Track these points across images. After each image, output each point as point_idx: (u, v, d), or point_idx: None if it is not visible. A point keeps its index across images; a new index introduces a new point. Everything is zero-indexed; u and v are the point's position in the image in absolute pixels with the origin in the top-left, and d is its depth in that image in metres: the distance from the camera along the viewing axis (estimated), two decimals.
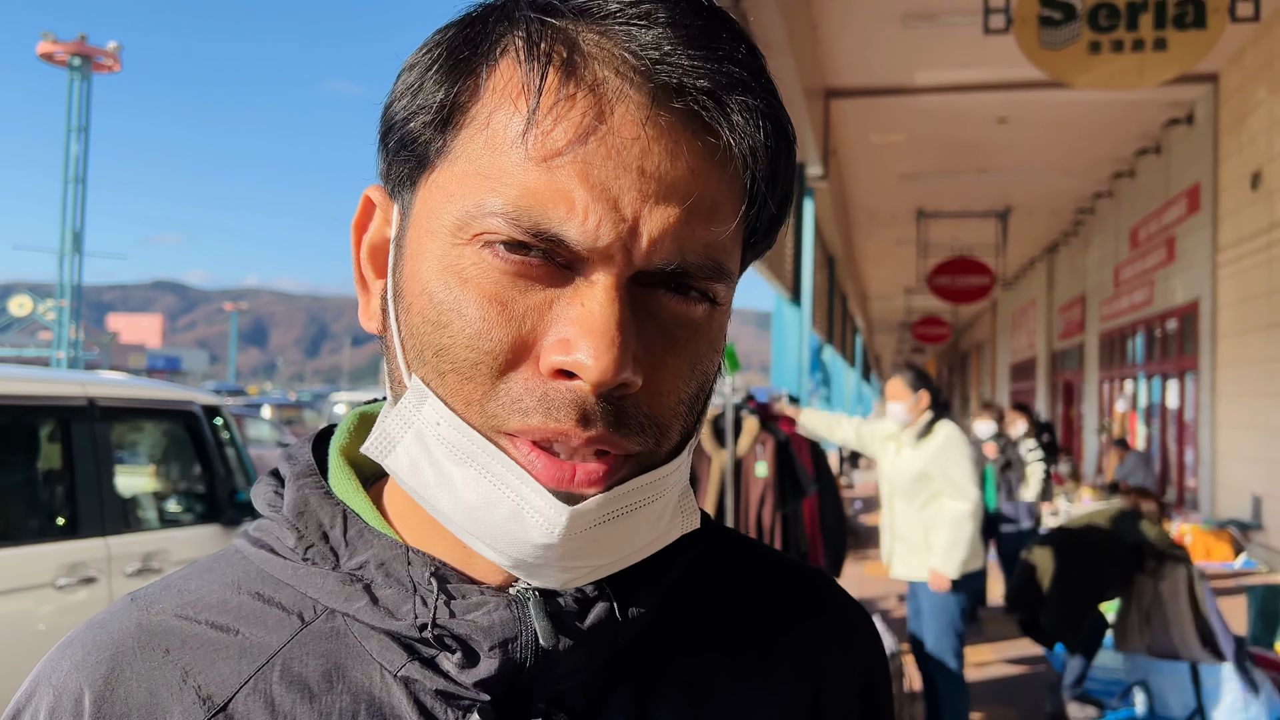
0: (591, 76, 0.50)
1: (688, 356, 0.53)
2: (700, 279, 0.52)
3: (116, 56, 44.48)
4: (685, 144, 0.50)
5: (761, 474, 4.57)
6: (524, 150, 0.49)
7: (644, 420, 0.52)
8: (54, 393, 3.95)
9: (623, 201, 0.49)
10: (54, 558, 3.73)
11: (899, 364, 4.81)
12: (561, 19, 0.51)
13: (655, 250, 0.50)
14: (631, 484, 0.52)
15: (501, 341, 0.50)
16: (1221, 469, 10.97)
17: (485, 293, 0.50)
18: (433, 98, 0.53)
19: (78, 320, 44.82)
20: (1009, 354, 27.58)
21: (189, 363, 75.74)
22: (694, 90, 0.50)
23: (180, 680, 0.56)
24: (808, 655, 0.66)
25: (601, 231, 0.49)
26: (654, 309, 0.52)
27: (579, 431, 0.50)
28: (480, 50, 0.52)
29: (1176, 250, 12.48)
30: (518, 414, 0.50)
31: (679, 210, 0.50)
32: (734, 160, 0.52)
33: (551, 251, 0.50)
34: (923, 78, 10.62)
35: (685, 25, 0.51)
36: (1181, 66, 6.32)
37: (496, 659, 0.54)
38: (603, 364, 0.48)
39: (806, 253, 11.27)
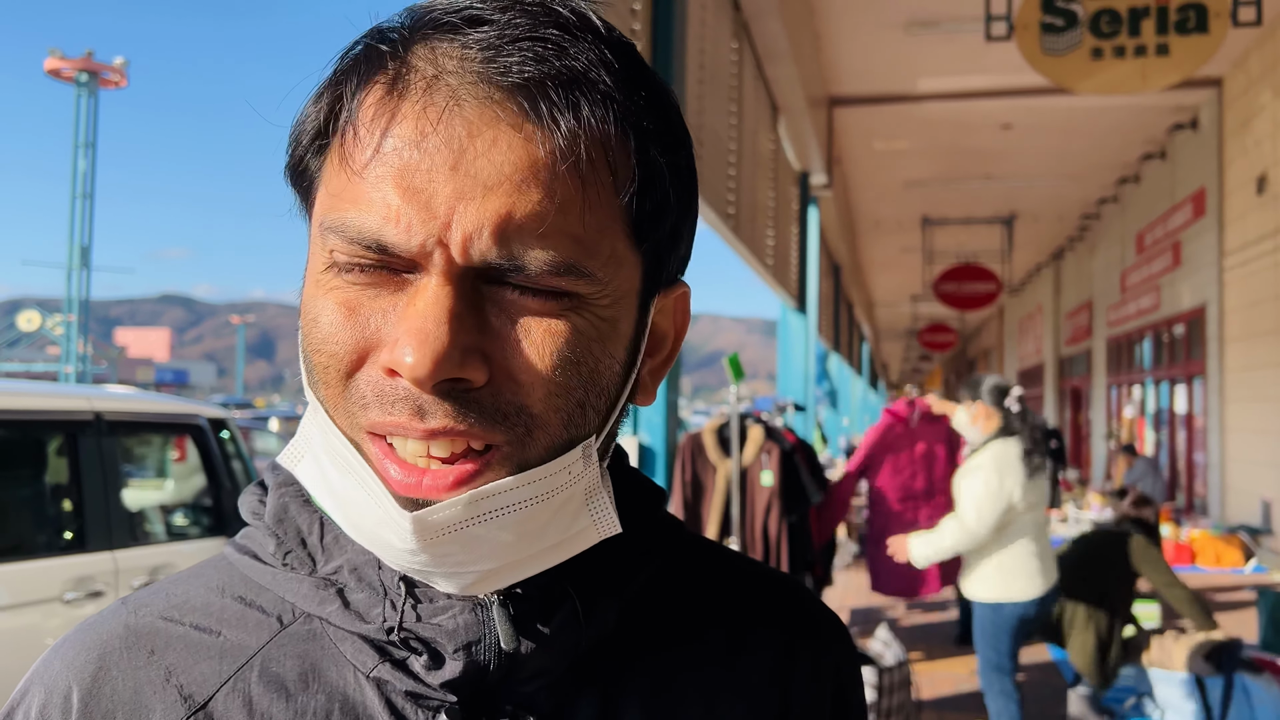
0: (412, 87, 0.52)
1: (551, 346, 0.52)
2: (541, 275, 0.51)
3: (123, 72, 44.77)
4: (511, 140, 0.51)
5: (767, 483, 4.56)
6: (354, 166, 0.52)
7: (505, 409, 0.52)
8: (61, 407, 3.97)
9: (435, 201, 0.50)
10: (61, 572, 3.74)
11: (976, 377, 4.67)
12: (391, 38, 0.54)
13: (472, 247, 0.50)
14: (492, 487, 0.52)
15: (345, 344, 0.53)
16: (1231, 474, 10.93)
17: (338, 299, 0.53)
18: (304, 123, 0.56)
19: (85, 335, 44.99)
20: (1016, 360, 27.51)
21: (196, 376, 75.94)
22: (518, 86, 0.51)
23: (163, 679, 0.58)
24: (777, 658, 0.67)
25: (413, 233, 0.50)
26: (503, 303, 0.52)
27: (415, 424, 0.51)
28: (332, 80, 0.55)
29: (1183, 255, 12.45)
30: (361, 409, 0.53)
31: (500, 203, 0.50)
32: (563, 150, 0.51)
33: (383, 262, 0.52)
34: (926, 85, 10.63)
35: (513, 26, 0.52)
36: (1184, 71, 6.31)
37: (461, 661, 0.56)
38: (417, 360, 0.49)
39: (812, 261, 11.27)
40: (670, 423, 4.22)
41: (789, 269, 10.39)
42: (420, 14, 0.55)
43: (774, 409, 5.13)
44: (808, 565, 4.85)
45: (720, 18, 6.46)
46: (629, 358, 0.58)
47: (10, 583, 3.58)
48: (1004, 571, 4.33)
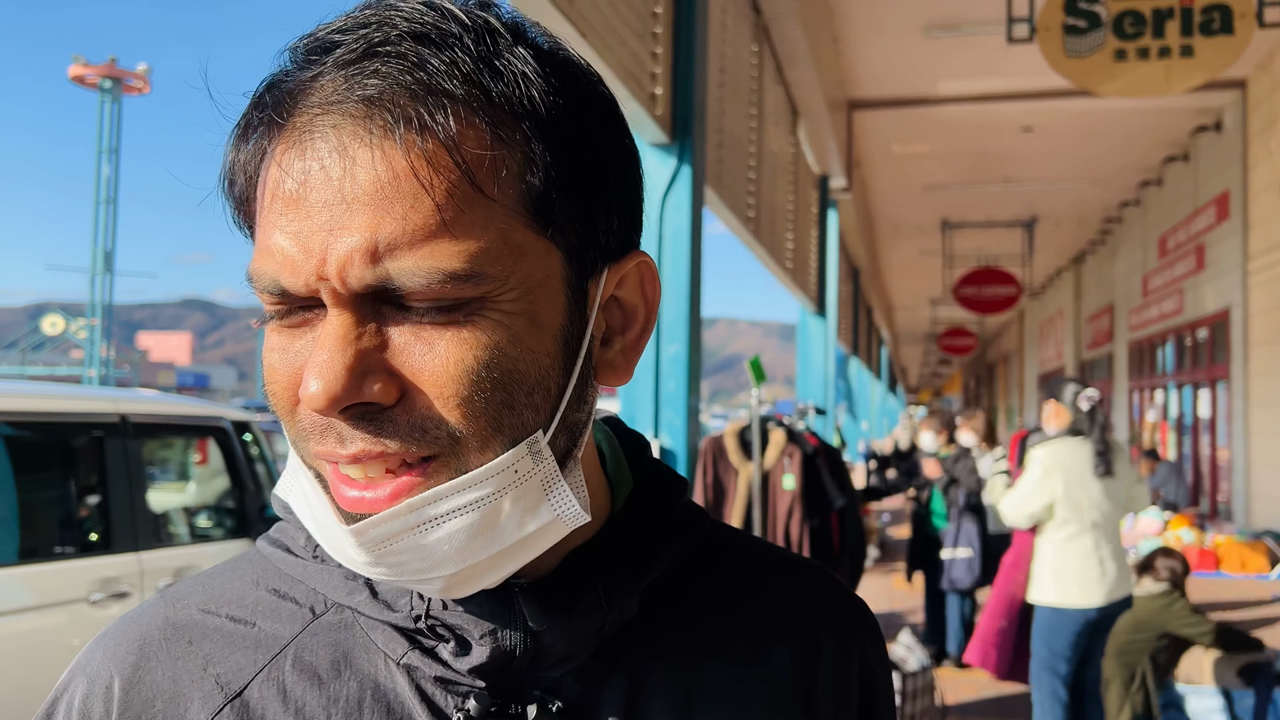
0: (287, 126, 0.53)
1: (456, 356, 0.52)
2: (428, 288, 0.51)
3: (146, 78, 45.17)
4: (365, 159, 0.51)
5: (789, 486, 4.55)
6: (260, 219, 0.55)
7: (423, 424, 0.52)
8: (88, 410, 4.00)
9: (312, 239, 0.51)
10: (88, 573, 3.77)
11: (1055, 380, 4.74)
12: (274, 81, 0.55)
13: (348, 274, 0.51)
14: (428, 494, 0.53)
15: (282, 383, 0.55)
16: (1255, 479, 10.82)
17: (273, 343, 0.56)
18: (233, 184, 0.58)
19: (108, 338, 45.40)
20: (1036, 364, 27.33)
21: (217, 379, 76.43)
22: (370, 102, 0.51)
23: (201, 668, 0.60)
24: (803, 642, 0.68)
25: (298, 274, 0.52)
26: (403, 321, 0.52)
27: (339, 451, 0.53)
28: (232, 139, 0.57)
29: (1206, 258, 12.34)
30: (304, 441, 0.55)
31: (365, 227, 0.50)
32: (435, 159, 0.51)
33: (293, 305, 0.54)
34: (946, 88, 10.59)
35: (365, 41, 0.52)
36: (1209, 73, 6.26)
37: (487, 647, 0.58)
38: (315, 391, 0.51)
39: (831, 265, 11.25)
40: (691, 426, 4.22)
41: (808, 272, 10.37)
42: (294, 51, 0.56)
43: (795, 412, 5.11)
44: (831, 569, 4.83)
45: (740, 21, 6.46)
46: (565, 345, 0.57)
47: (37, 584, 3.62)
48: (1059, 577, 4.29)
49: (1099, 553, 4.32)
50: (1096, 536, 4.34)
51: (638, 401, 4.15)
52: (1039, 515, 4.33)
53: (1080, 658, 4.40)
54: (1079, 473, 4.32)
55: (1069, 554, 4.30)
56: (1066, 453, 4.33)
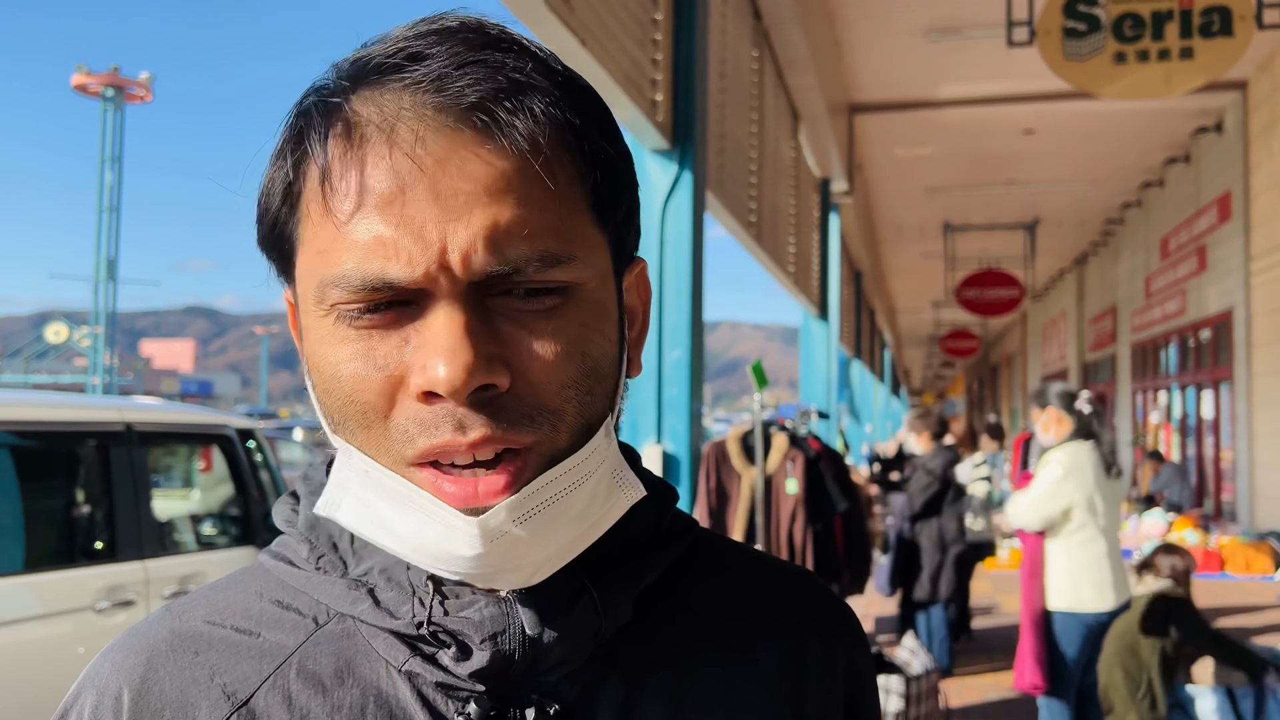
0: (370, 133, 0.55)
1: (558, 343, 0.56)
2: (534, 272, 0.55)
3: (149, 87, 45.27)
4: (474, 156, 0.54)
5: (792, 491, 4.55)
6: (337, 219, 0.55)
7: (528, 412, 0.56)
8: (92, 418, 4.02)
9: (427, 229, 0.54)
10: (93, 581, 3.78)
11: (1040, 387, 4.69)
12: (339, 92, 0.57)
13: (471, 263, 0.54)
14: (539, 481, 0.56)
15: (374, 390, 0.56)
16: (1259, 479, 10.80)
17: (349, 352, 0.56)
18: (275, 201, 0.60)
19: (112, 346, 45.46)
20: (1040, 366, 27.30)
21: (221, 387, 76.49)
22: (468, 107, 0.55)
23: (208, 679, 0.62)
24: (791, 646, 0.70)
25: (416, 263, 0.53)
26: (507, 311, 0.56)
27: (459, 439, 0.54)
28: (289, 148, 0.59)
29: (1208, 259, 12.34)
30: (406, 443, 0.56)
31: (484, 218, 0.54)
32: (527, 155, 0.55)
33: (390, 299, 0.55)
34: (947, 91, 10.60)
35: (446, 56, 0.56)
36: (1209, 75, 6.26)
37: (488, 651, 0.59)
38: (450, 373, 0.52)
39: (833, 268, 11.25)
40: (694, 431, 4.22)
41: (810, 276, 10.38)
42: (362, 63, 0.58)
43: (798, 416, 5.12)
44: (833, 574, 4.83)
45: (741, 27, 6.48)
46: (620, 335, 0.62)
47: (43, 592, 3.63)
48: (1074, 581, 4.27)
49: (1111, 555, 4.32)
50: (1109, 539, 4.34)
51: (640, 407, 4.15)
52: (1054, 519, 4.29)
53: (1085, 661, 4.40)
54: (1094, 475, 4.32)
55: (1083, 557, 4.29)
56: (1083, 456, 4.33)
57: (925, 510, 6.31)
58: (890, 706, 4.47)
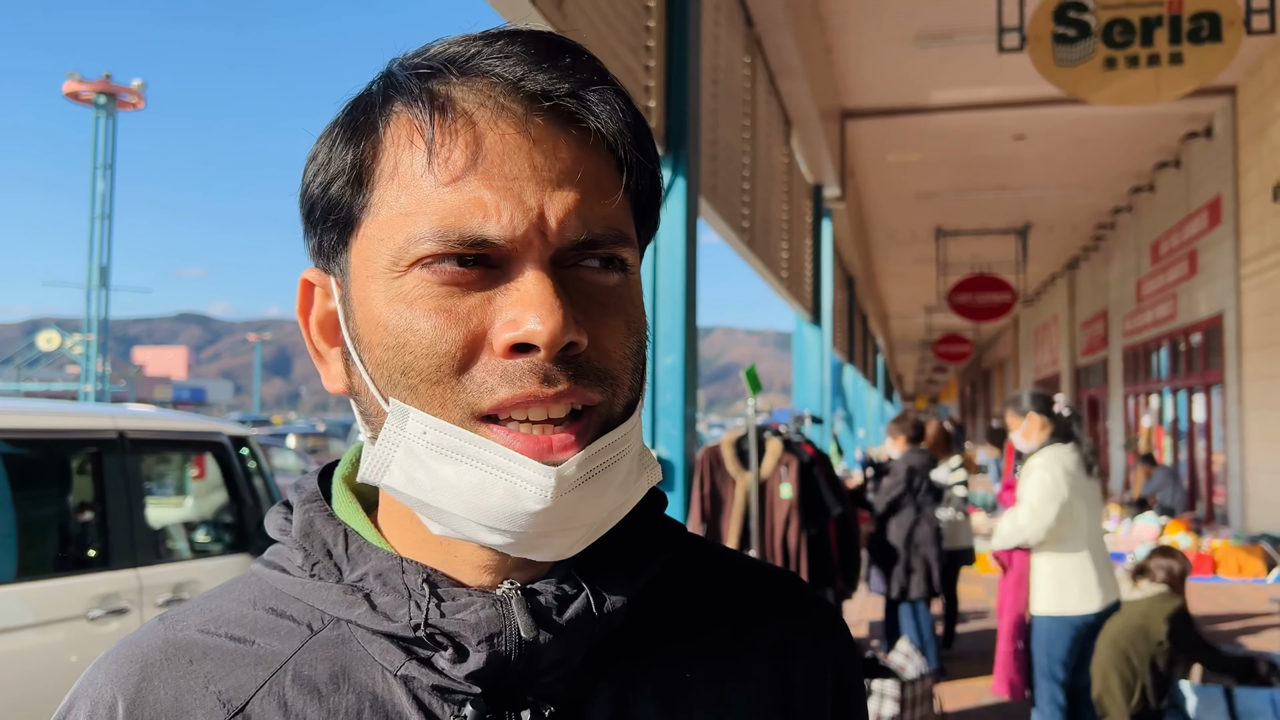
0: (470, 105, 0.59)
1: (622, 317, 0.61)
2: (608, 245, 0.60)
3: (141, 94, 45.18)
4: (563, 137, 0.60)
5: (786, 495, 4.56)
6: (433, 179, 0.58)
7: (599, 373, 0.59)
8: (85, 426, 4.01)
9: (526, 194, 0.58)
10: (86, 589, 3.77)
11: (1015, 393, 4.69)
12: (430, 71, 0.61)
13: (565, 228, 0.58)
14: (601, 441, 0.59)
15: (455, 341, 0.58)
16: (1251, 483, 10.84)
17: (430, 306, 0.58)
18: (343, 161, 0.61)
19: (104, 354, 45.32)
20: (1032, 370, 27.37)
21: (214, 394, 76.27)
22: (557, 94, 0.60)
23: (203, 686, 0.62)
24: (780, 648, 0.71)
25: (515, 223, 0.57)
26: (578, 283, 0.60)
27: (544, 390, 0.57)
28: (373, 113, 0.62)
29: (1199, 264, 12.40)
30: (486, 394, 0.57)
31: (573, 192, 0.59)
32: (604, 142, 0.61)
33: (480, 257, 0.58)
34: (938, 97, 10.64)
35: (533, 50, 0.61)
36: (1198, 81, 6.30)
37: (484, 652, 0.60)
38: (550, 326, 0.55)
39: (826, 273, 11.28)
40: (688, 436, 4.23)
41: (803, 281, 10.40)
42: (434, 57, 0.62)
43: (792, 421, 5.13)
44: (828, 578, 4.84)
45: (733, 33, 6.50)
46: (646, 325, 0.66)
47: (36, 601, 3.62)
48: (1059, 584, 4.28)
49: (1096, 556, 4.33)
50: (1092, 540, 4.34)
51: None
52: (1053, 524, 4.27)
53: (1076, 663, 4.40)
54: (1077, 477, 4.33)
55: (1068, 560, 4.29)
56: (1065, 457, 4.35)
57: (889, 509, 6.33)
58: (885, 711, 4.48)
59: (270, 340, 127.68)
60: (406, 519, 0.65)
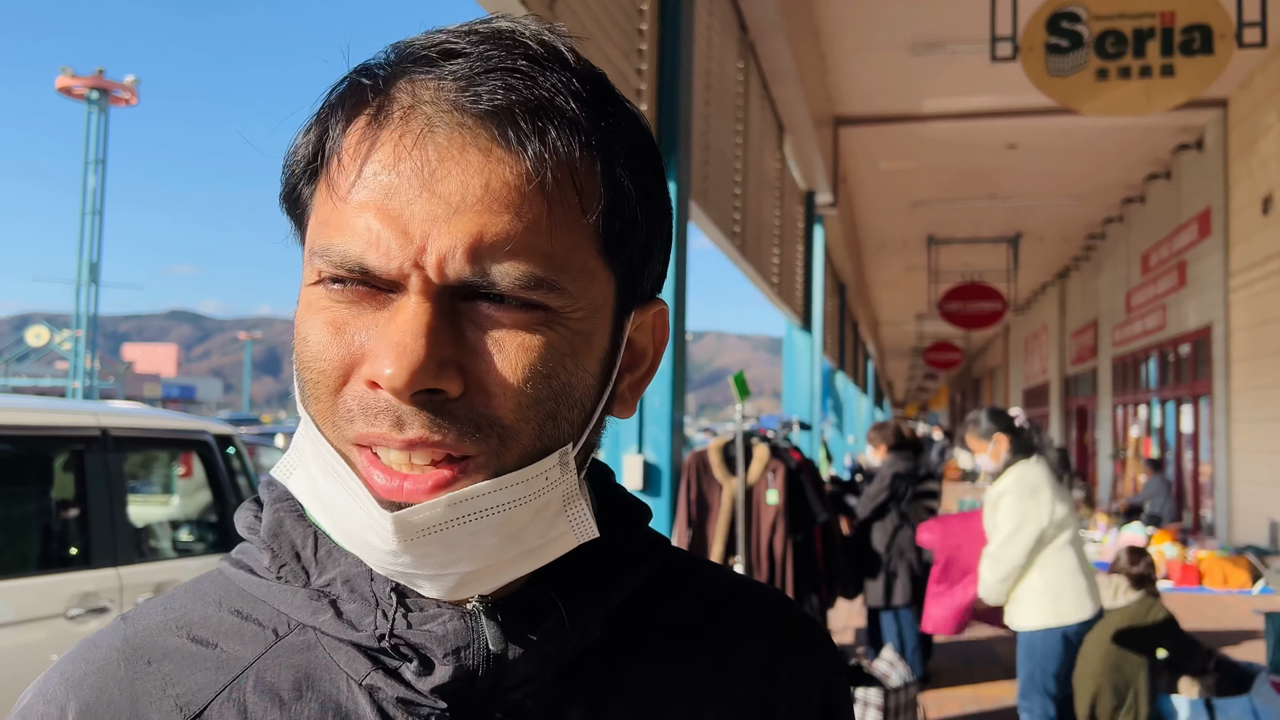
0: (391, 117, 0.55)
1: (524, 360, 0.55)
2: (510, 289, 0.54)
3: (134, 90, 45.05)
4: (474, 162, 0.54)
5: (772, 501, 4.55)
6: (339, 194, 0.55)
7: (479, 420, 0.55)
8: (68, 423, 3.98)
9: (412, 226, 0.53)
10: (66, 588, 3.74)
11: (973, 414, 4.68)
12: (376, 73, 0.58)
13: (447, 266, 0.53)
14: (469, 490, 0.55)
15: (333, 360, 0.56)
16: (1237, 494, 10.88)
17: (325, 319, 0.56)
18: (298, 166, 0.60)
19: (93, 350, 45.13)
20: (1022, 379, 27.45)
21: (203, 392, 76.05)
22: (489, 114, 0.54)
23: (160, 689, 0.60)
24: (761, 669, 0.69)
25: (392, 257, 0.53)
26: (477, 319, 0.55)
27: (395, 435, 0.54)
28: (320, 112, 0.59)
29: (1188, 275, 12.45)
30: (347, 422, 0.56)
31: (473, 226, 0.53)
32: (529, 173, 0.54)
33: (366, 280, 0.55)
34: (931, 105, 10.67)
35: (479, 58, 0.56)
36: (1189, 92, 6.33)
37: (450, 666, 0.58)
38: (395, 371, 0.52)
39: (817, 279, 11.28)
40: (676, 441, 4.22)
41: (794, 287, 10.40)
42: (402, 50, 0.58)
43: (780, 427, 5.12)
44: (813, 584, 4.83)
45: (727, 39, 6.50)
46: (604, 370, 0.61)
47: (15, 598, 3.59)
48: (1053, 594, 4.26)
49: (1082, 563, 4.33)
50: (1076, 546, 4.34)
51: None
52: (1033, 543, 4.25)
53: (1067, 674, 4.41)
54: (1052, 487, 4.33)
55: (1058, 571, 4.28)
56: (1032, 472, 4.34)
57: (874, 515, 6.33)
58: (869, 719, 4.47)
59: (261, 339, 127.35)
60: None
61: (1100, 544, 11.43)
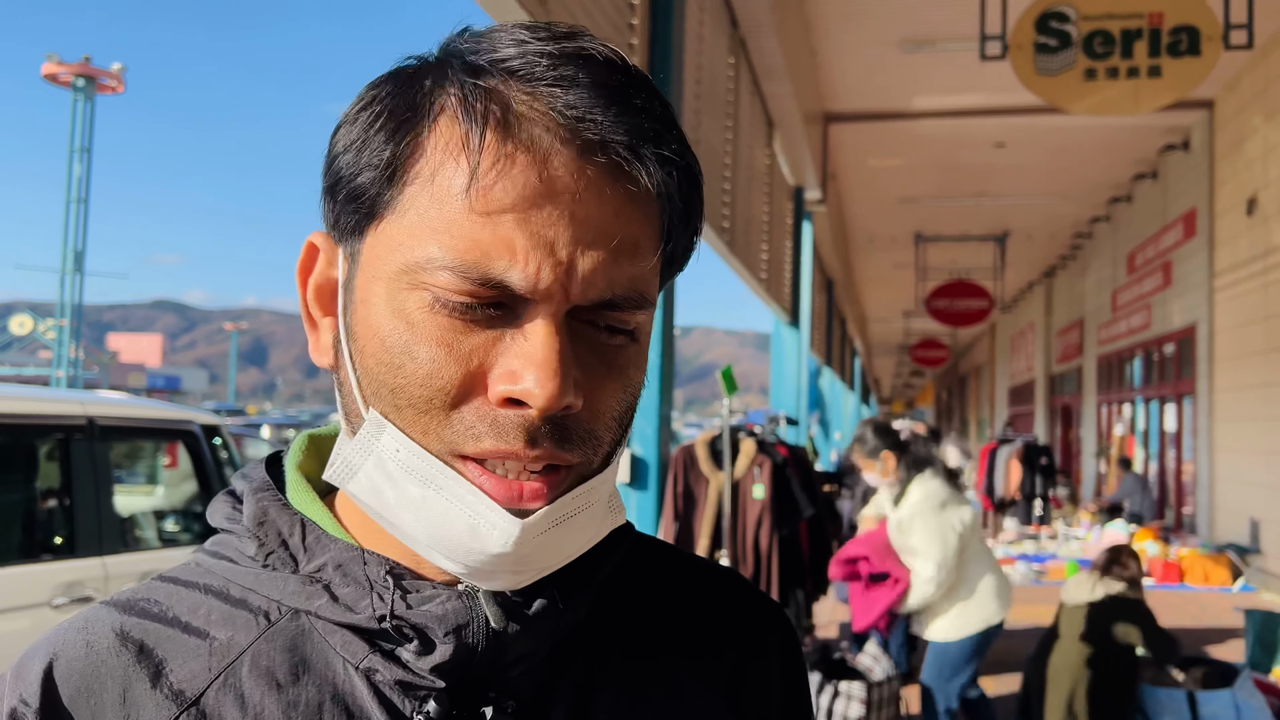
0: (525, 135, 0.55)
1: (620, 380, 0.60)
2: (626, 309, 0.58)
3: (120, 78, 44.73)
4: (609, 191, 0.56)
5: (759, 496, 4.57)
6: (467, 204, 0.54)
7: (584, 435, 0.58)
8: (53, 412, 3.96)
9: (558, 246, 0.55)
10: (51, 577, 3.73)
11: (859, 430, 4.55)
12: (491, 79, 0.56)
13: (589, 288, 0.56)
14: (572, 494, 0.58)
15: (452, 379, 0.56)
16: (1219, 493, 10.97)
17: (432, 337, 0.56)
18: (379, 155, 0.57)
19: (78, 339, 44.84)
20: (1007, 377, 27.57)
21: (189, 382, 75.62)
22: (614, 144, 0.56)
23: (152, 678, 0.59)
24: (729, 646, 0.72)
25: (542, 275, 0.55)
26: (586, 340, 0.58)
27: (527, 451, 0.56)
28: (420, 109, 0.57)
29: (1173, 275, 12.52)
30: (471, 439, 0.56)
31: (607, 251, 0.56)
32: (651, 203, 0.58)
33: (495, 299, 0.55)
34: (921, 103, 10.70)
35: (603, 85, 0.57)
36: (1176, 93, 6.37)
37: (451, 644, 0.59)
38: (548, 391, 0.54)
39: (805, 275, 11.31)
40: (663, 435, 4.23)
41: (782, 283, 10.42)
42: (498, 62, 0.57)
43: (767, 422, 5.14)
44: (799, 578, 4.85)
45: (718, 34, 6.50)
46: None
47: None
48: (962, 608, 4.30)
49: (990, 568, 4.36)
50: (982, 553, 4.38)
51: None
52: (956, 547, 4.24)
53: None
54: (954, 495, 4.33)
55: (967, 582, 4.31)
56: (936, 484, 4.32)
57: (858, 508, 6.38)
58: (852, 713, 4.50)
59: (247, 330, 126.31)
60: None
61: (1083, 541, 11.51)
